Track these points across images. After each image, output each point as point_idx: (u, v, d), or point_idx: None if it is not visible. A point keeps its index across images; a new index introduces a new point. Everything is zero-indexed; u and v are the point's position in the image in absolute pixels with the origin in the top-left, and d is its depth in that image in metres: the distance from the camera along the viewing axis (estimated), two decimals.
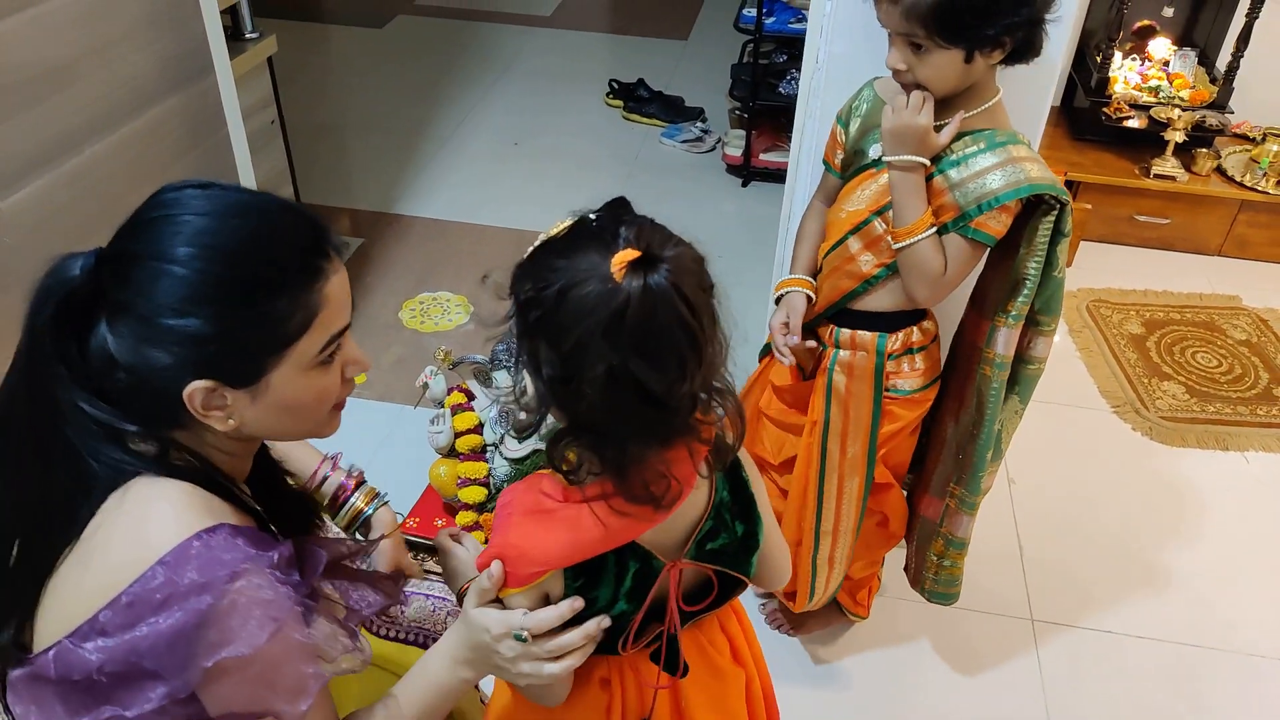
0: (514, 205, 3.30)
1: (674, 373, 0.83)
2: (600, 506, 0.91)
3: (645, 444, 0.87)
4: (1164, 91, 3.19)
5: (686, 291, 0.82)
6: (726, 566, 1.02)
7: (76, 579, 0.82)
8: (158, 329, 0.82)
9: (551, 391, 0.86)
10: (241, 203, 0.87)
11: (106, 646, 0.79)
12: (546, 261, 0.84)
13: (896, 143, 1.38)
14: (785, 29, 3.27)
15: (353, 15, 4.91)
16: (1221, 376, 2.68)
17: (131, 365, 0.83)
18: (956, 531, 1.65)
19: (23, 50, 1.39)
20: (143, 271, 0.82)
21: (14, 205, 1.41)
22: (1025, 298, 1.42)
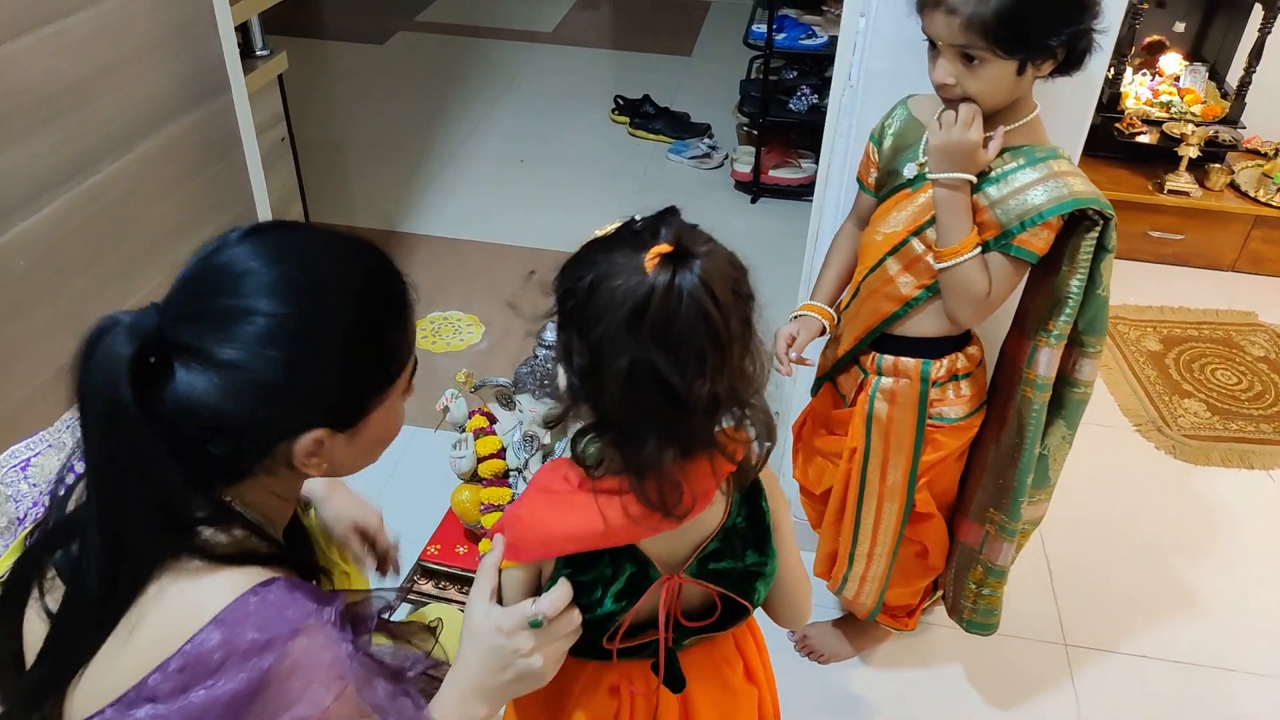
0: (522, 222, 3.26)
1: (693, 370, 0.82)
2: (608, 501, 0.90)
3: (664, 446, 0.86)
4: (1175, 107, 3.18)
5: (715, 290, 0.81)
6: (729, 590, 1.00)
7: (118, 646, 0.77)
8: (263, 384, 0.77)
9: (580, 383, 0.86)
10: (321, 244, 0.84)
11: (157, 714, 0.73)
12: (587, 256, 0.86)
13: (945, 160, 1.34)
14: (796, 45, 3.25)
15: (353, 31, 4.88)
16: (1242, 394, 2.65)
17: (229, 423, 0.77)
18: (996, 559, 1.61)
19: (39, 68, 1.36)
20: (239, 326, 0.77)
21: (31, 227, 1.37)
22: (1068, 317, 1.39)
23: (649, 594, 0.97)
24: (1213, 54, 3.31)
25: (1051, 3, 1.22)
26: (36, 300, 1.40)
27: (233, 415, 0.77)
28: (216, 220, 1.81)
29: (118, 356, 0.74)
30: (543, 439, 1.78)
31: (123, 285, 1.58)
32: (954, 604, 1.73)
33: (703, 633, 1.05)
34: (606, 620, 0.98)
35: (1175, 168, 3.08)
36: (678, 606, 1.01)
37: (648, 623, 1.01)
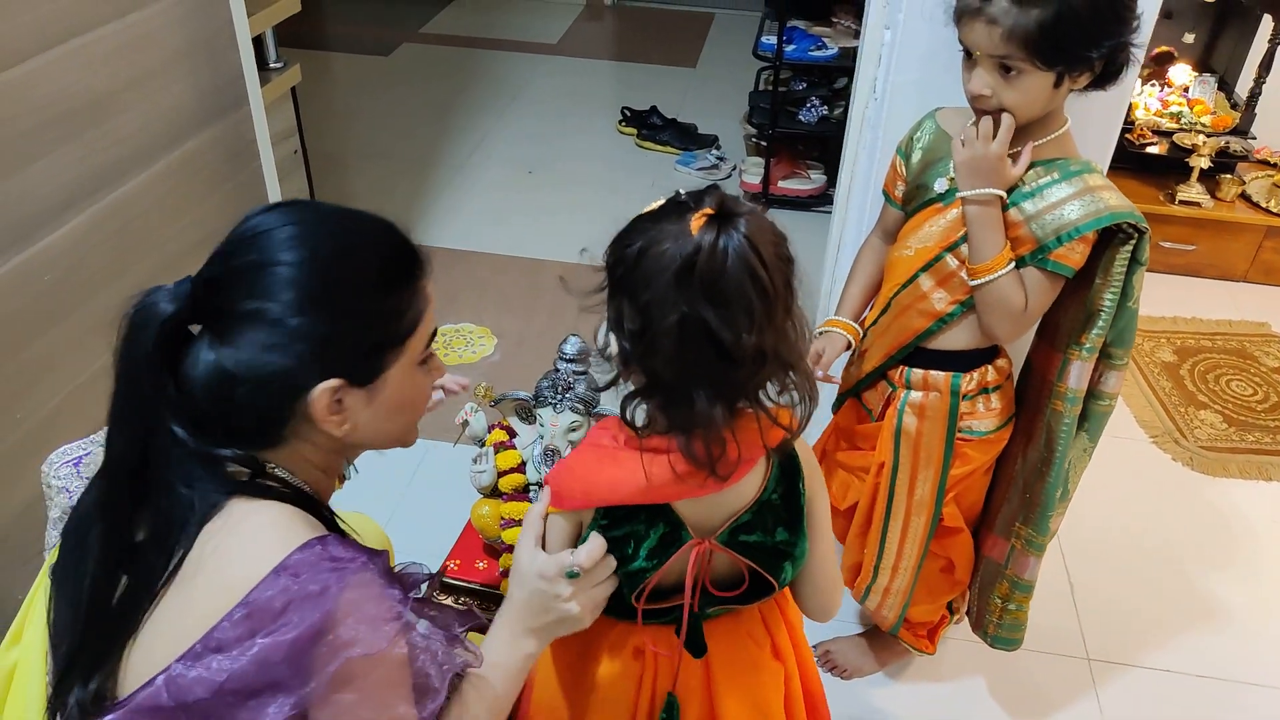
0: (531, 234, 3.25)
1: (743, 322, 0.86)
2: (653, 459, 0.94)
3: (714, 402, 0.89)
4: (1185, 118, 3.18)
5: (759, 246, 0.86)
6: (757, 564, 1.03)
7: (180, 607, 0.81)
8: (283, 331, 0.82)
9: (631, 346, 0.90)
10: (337, 211, 0.91)
11: (225, 665, 0.77)
12: (635, 227, 0.91)
13: (971, 175, 1.34)
14: (806, 56, 3.25)
15: (358, 43, 4.88)
16: (1258, 405, 2.64)
17: (253, 376, 0.83)
18: (1023, 574, 1.60)
19: (64, 83, 1.35)
20: (261, 278, 0.83)
21: (56, 241, 1.36)
22: (1100, 329, 1.38)
23: (679, 555, 1.00)
24: (1221, 65, 3.32)
25: (1093, 15, 1.21)
26: (62, 314, 1.39)
27: (251, 366, 0.82)
28: None
29: (154, 316, 0.82)
30: (563, 452, 1.76)
31: None
32: (978, 620, 1.72)
33: (728, 603, 1.07)
34: (636, 577, 1.01)
35: (1186, 178, 3.08)
36: (706, 573, 1.04)
37: (675, 587, 1.04)
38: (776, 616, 1.18)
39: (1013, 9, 1.22)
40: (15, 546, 1.37)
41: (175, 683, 0.78)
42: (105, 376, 1.45)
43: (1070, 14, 1.20)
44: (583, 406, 1.76)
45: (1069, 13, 1.20)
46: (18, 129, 1.27)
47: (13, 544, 1.37)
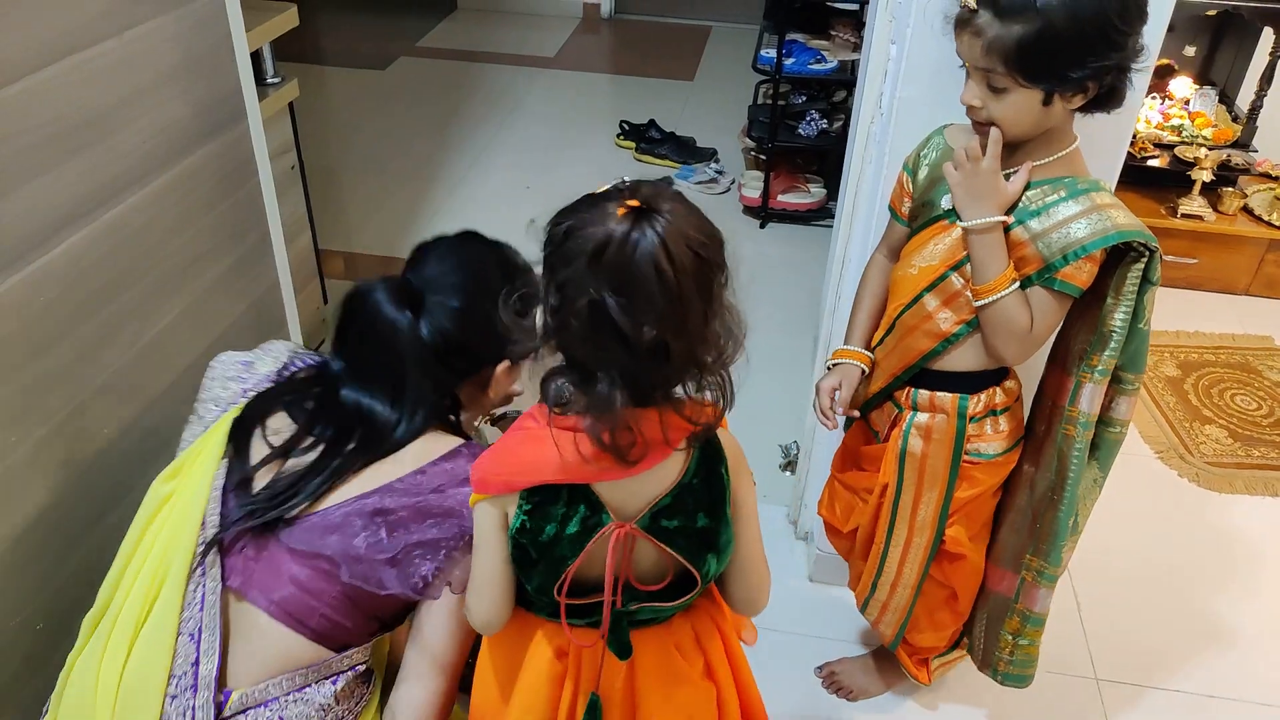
0: (531, 249, 3.22)
1: (644, 314, 0.87)
2: (564, 436, 0.96)
3: (614, 387, 0.91)
4: (1186, 130, 3.17)
5: (670, 246, 0.87)
6: (679, 552, 1.03)
7: (395, 463, 1.18)
8: (484, 322, 1.14)
9: (550, 321, 0.94)
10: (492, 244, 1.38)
11: (429, 494, 1.15)
12: (574, 205, 0.94)
13: (968, 197, 1.32)
14: (805, 70, 3.24)
15: (354, 57, 4.87)
16: (1263, 419, 2.63)
17: (461, 349, 1.24)
18: (1034, 607, 1.56)
19: (62, 100, 1.32)
20: (465, 290, 1.27)
21: (53, 261, 1.33)
22: (1112, 351, 1.35)
23: (598, 538, 1.01)
24: (1222, 77, 3.31)
25: (1076, 35, 1.18)
26: (57, 337, 1.36)
27: (461, 342, 1.23)
28: (234, 251, 1.78)
29: (395, 310, 1.21)
30: None
31: (140, 320, 1.54)
32: (985, 657, 1.68)
33: (654, 600, 1.07)
34: (558, 565, 1.03)
35: (1187, 191, 3.07)
36: (629, 566, 1.05)
37: (599, 583, 1.05)
38: (712, 636, 1.17)
39: (995, 22, 1.21)
40: (10, 570, 1.35)
41: (386, 496, 1.14)
42: (100, 399, 1.44)
43: (1052, 33, 1.18)
44: None
45: (1050, 32, 1.18)
46: (13, 147, 1.24)
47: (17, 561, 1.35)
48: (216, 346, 1.76)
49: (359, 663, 1.17)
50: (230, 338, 1.80)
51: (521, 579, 1.08)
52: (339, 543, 1.12)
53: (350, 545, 1.12)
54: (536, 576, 1.05)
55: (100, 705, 1.10)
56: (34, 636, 1.39)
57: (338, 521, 1.13)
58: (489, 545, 1.07)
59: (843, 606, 1.98)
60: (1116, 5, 1.18)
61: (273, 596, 1.13)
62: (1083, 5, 1.17)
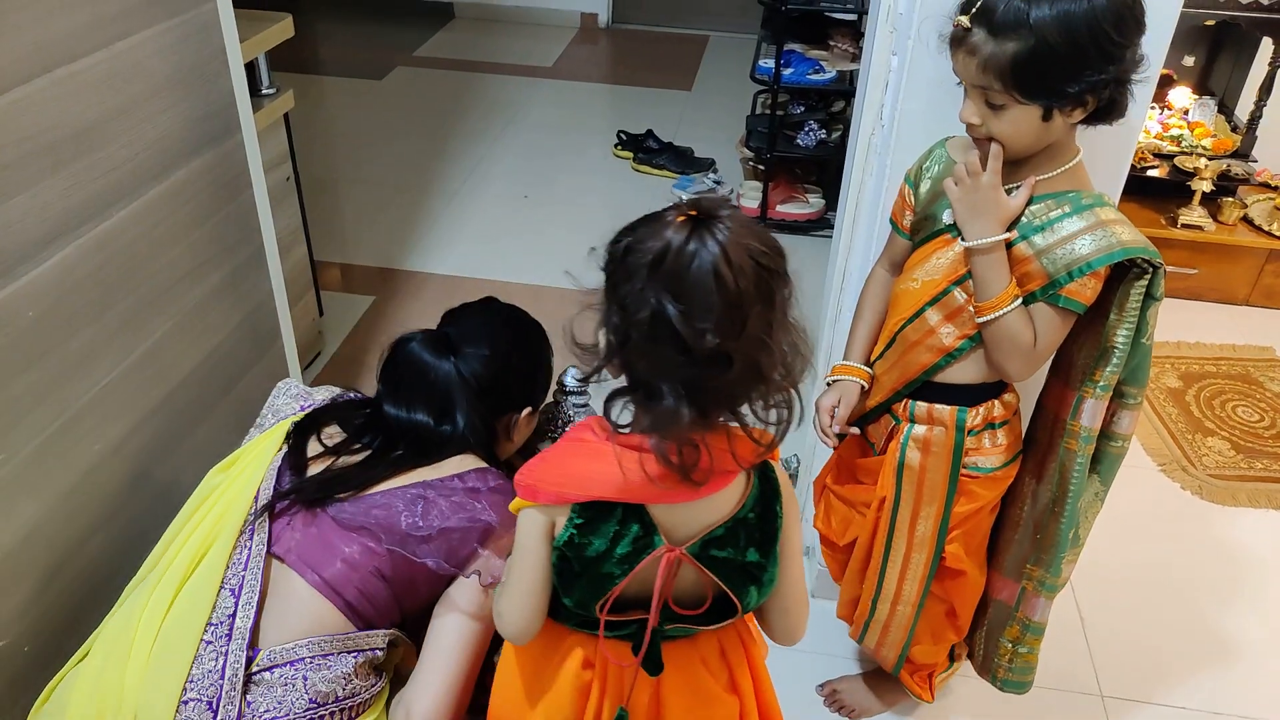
0: (528, 259, 3.22)
1: (703, 321, 0.86)
2: (628, 455, 0.96)
3: (680, 402, 0.90)
4: (1186, 140, 3.16)
5: (729, 252, 0.86)
6: (724, 581, 1.03)
7: (435, 469, 1.32)
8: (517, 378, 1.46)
9: (613, 339, 0.94)
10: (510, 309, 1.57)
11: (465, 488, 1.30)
12: (632, 225, 0.95)
13: (968, 213, 1.30)
14: (803, 80, 3.23)
15: (351, 67, 4.85)
16: (1265, 431, 2.61)
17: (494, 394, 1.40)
18: (1034, 616, 1.55)
19: (50, 113, 1.30)
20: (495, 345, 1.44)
21: (40, 276, 1.31)
22: (1115, 367, 1.34)
23: (648, 562, 1.00)
24: (1220, 87, 3.30)
25: (1070, 50, 1.16)
26: (45, 351, 1.34)
27: (497, 391, 1.40)
28: (227, 263, 1.76)
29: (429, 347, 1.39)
30: None
31: (131, 334, 1.52)
32: (985, 662, 1.66)
33: (688, 623, 1.07)
34: (604, 582, 1.02)
35: (1187, 202, 3.06)
36: (670, 587, 1.04)
37: (635, 600, 1.04)
38: (737, 649, 1.16)
39: (989, 40, 1.19)
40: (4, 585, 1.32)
41: (428, 488, 1.28)
42: (89, 414, 1.41)
43: (1045, 49, 1.16)
44: None
45: (1044, 48, 1.16)
46: (2, 160, 1.23)
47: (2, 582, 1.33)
48: (210, 361, 1.74)
49: (378, 646, 1.24)
50: (224, 352, 1.78)
51: (560, 591, 1.06)
52: (382, 516, 1.25)
53: (393, 520, 1.25)
54: (577, 591, 1.04)
55: (139, 644, 1.17)
56: (22, 659, 1.37)
57: (381, 502, 1.27)
58: (531, 554, 1.05)
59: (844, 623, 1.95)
60: (1111, 17, 1.16)
61: (314, 565, 1.22)
62: (1076, 19, 1.16)
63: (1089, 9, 1.15)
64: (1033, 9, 1.16)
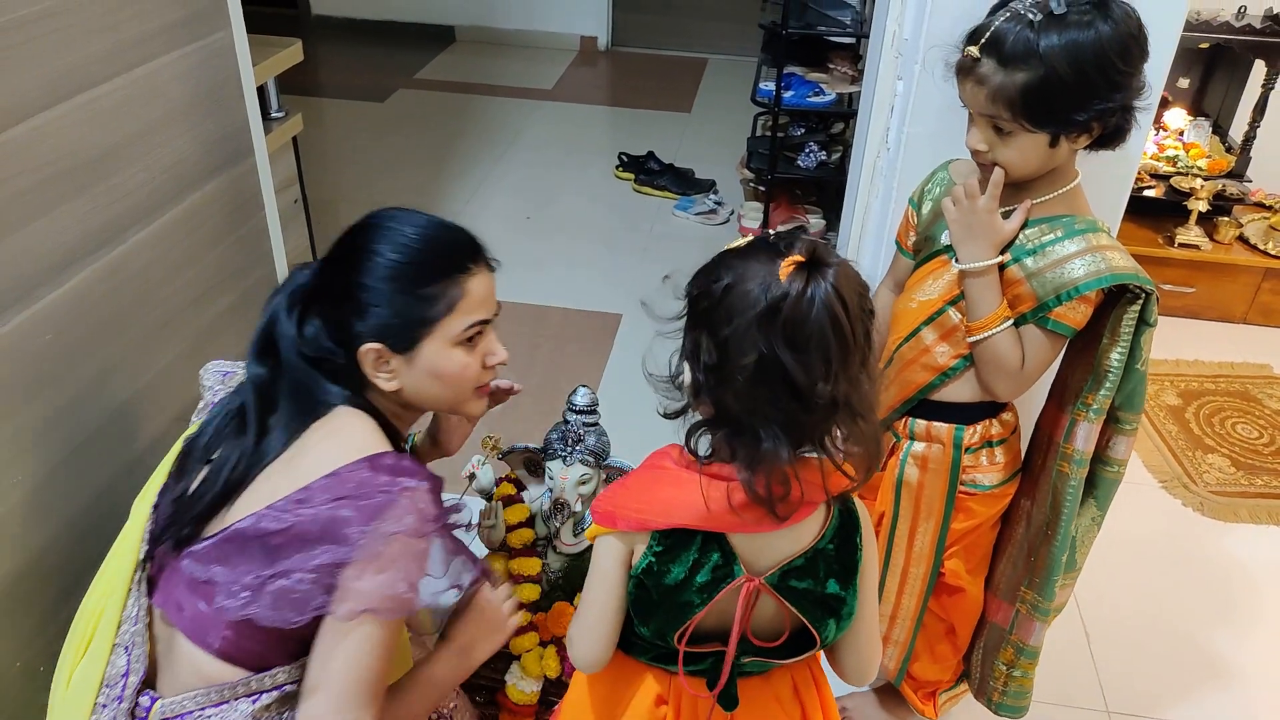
0: (531, 280, 3.24)
1: (818, 370, 0.87)
2: (713, 485, 0.96)
3: (779, 443, 0.90)
4: (1181, 161, 3.20)
5: (845, 296, 0.87)
6: (803, 613, 1.02)
7: (282, 473, 1.08)
8: (357, 301, 1.12)
9: (706, 379, 0.94)
10: (422, 217, 1.17)
11: (302, 514, 1.03)
12: (722, 263, 0.93)
13: (964, 234, 1.33)
14: (804, 103, 3.26)
15: (353, 89, 4.89)
16: (1264, 448, 2.63)
17: (333, 329, 1.14)
18: (1028, 639, 1.55)
19: (70, 138, 1.32)
20: (351, 259, 1.14)
21: (59, 298, 1.33)
22: (1107, 391, 1.34)
23: (728, 591, 1.00)
24: (1215, 109, 3.35)
25: (1078, 79, 1.19)
26: (62, 373, 1.35)
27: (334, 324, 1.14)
28: (238, 286, 1.77)
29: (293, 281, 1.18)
30: (574, 506, 1.73)
31: (144, 356, 1.53)
32: (981, 686, 1.66)
33: (765, 656, 1.06)
34: (684, 611, 1.01)
35: (1183, 221, 3.09)
36: (749, 618, 1.03)
37: (715, 633, 1.04)
38: (810, 688, 1.15)
39: (999, 70, 1.21)
40: (10, 613, 1.33)
41: (264, 519, 1.04)
42: (104, 436, 1.43)
43: (1054, 77, 1.19)
44: (593, 459, 1.73)
45: (1053, 76, 1.19)
46: (22, 185, 1.24)
47: (17, 603, 1.33)
48: None
49: (285, 683, 1.12)
50: None
51: (636, 620, 1.05)
52: (222, 573, 1.07)
53: (230, 575, 1.06)
54: (655, 620, 1.03)
55: (52, 711, 1.17)
56: (37, 680, 1.37)
57: (217, 552, 1.08)
58: (608, 581, 1.04)
59: None
60: (1117, 47, 1.19)
61: (181, 615, 1.12)
62: (1084, 49, 1.18)
63: (1096, 39, 1.17)
64: (1041, 39, 1.18)
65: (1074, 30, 1.18)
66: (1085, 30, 1.17)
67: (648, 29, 5.63)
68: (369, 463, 1.05)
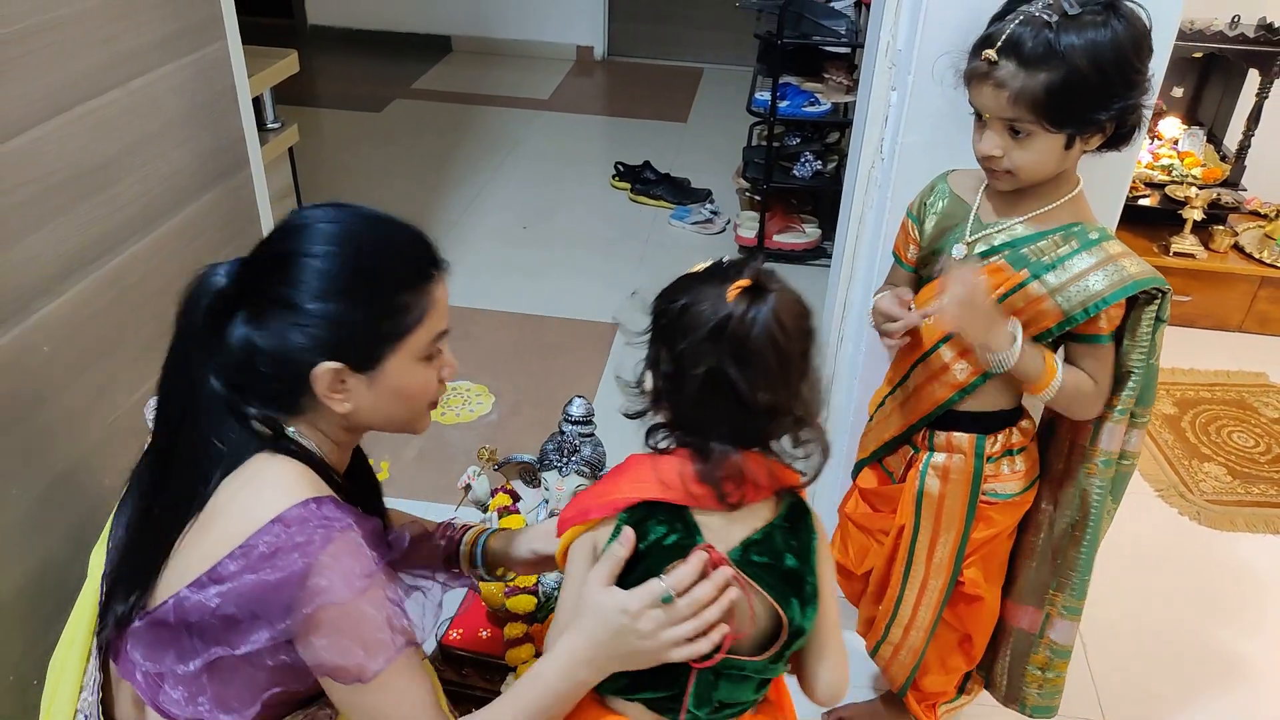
0: (528, 290, 3.24)
1: (759, 381, 0.98)
2: (670, 462, 1.05)
3: (726, 443, 1.01)
4: (1176, 170, 3.21)
5: (783, 319, 0.98)
6: (766, 589, 1.05)
7: (196, 541, 0.95)
8: (302, 313, 0.96)
9: (665, 386, 1.04)
10: (368, 214, 1.04)
11: (222, 592, 0.91)
12: (681, 285, 1.04)
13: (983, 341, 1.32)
14: (799, 112, 3.27)
15: (349, 99, 4.90)
16: (1260, 456, 2.63)
17: (273, 349, 0.97)
18: (1062, 640, 1.57)
19: (68, 150, 1.33)
20: (291, 265, 0.97)
21: (55, 310, 1.33)
22: (1131, 390, 1.38)
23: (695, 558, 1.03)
24: (1209, 117, 3.36)
25: (1100, 78, 1.20)
26: (59, 387, 1.35)
27: (273, 342, 0.97)
28: None
29: (209, 287, 0.99)
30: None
31: (142, 369, 1.53)
32: (1011, 692, 1.66)
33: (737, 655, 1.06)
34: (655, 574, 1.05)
35: (1179, 230, 3.10)
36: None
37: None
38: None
39: (1020, 73, 1.22)
40: (16, 619, 1.33)
41: (181, 605, 0.93)
42: (103, 449, 1.42)
43: (1078, 77, 1.20)
44: (589, 469, 1.73)
45: (1076, 76, 1.20)
46: (20, 197, 1.25)
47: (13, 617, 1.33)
48: None
49: None
50: None
51: None
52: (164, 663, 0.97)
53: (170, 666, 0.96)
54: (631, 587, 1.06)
55: None
56: (30, 694, 1.37)
57: (151, 636, 0.97)
58: (576, 583, 1.07)
59: (851, 651, 1.95)
60: (1132, 45, 1.21)
61: (145, 692, 1.01)
62: (1103, 48, 1.19)
63: (1113, 36, 1.19)
64: (1061, 39, 1.19)
65: (1091, 30, 1.19)
66: (1102, 29, 1.19)
67: (643, 39, 5.64)
68: (281, 522, 0.92)
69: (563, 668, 1.02)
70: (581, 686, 1.04)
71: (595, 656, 1.02)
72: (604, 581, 1.03)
